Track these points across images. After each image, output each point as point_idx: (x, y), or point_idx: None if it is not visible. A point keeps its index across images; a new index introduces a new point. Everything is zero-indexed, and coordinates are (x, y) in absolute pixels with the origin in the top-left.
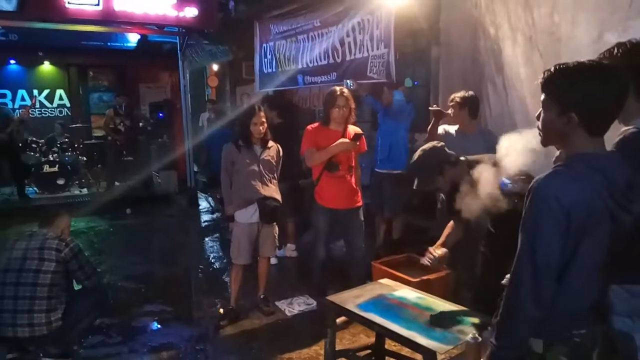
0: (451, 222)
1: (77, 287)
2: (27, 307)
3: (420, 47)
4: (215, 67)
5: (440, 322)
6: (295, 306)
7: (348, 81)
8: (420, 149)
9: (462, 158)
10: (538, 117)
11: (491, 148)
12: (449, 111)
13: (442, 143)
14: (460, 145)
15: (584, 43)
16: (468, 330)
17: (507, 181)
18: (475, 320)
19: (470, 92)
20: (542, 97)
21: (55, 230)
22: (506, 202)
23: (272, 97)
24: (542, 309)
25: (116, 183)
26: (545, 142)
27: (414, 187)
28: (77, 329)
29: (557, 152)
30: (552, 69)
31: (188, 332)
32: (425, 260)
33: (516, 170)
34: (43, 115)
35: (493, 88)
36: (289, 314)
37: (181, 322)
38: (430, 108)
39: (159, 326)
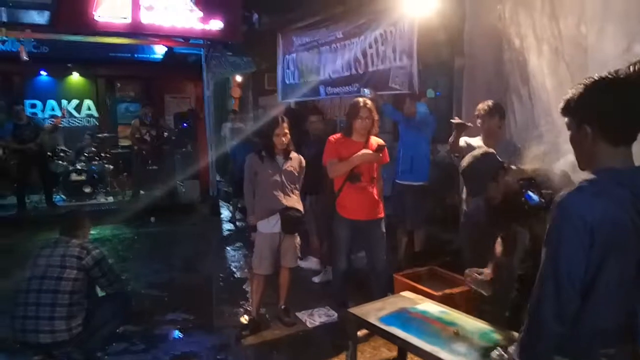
0: (499, 240)
1: (101, 293)
2: (48, 314)
3: (442, 58)
4: (238, 78)
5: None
6: (316, 317)
7: (366, 90)
8: (470, 155)
9: (513, 166)
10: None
11: (515, 160)
12: (471, 123)
13: (492, 150)
14: None
15: (612, 54)
16: (492, 346)
17: (533, 195)
18: (501, 336)
19: (495, 101)
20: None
21: (78, 237)
22: (533, 217)
23: (312, 104)
24: (565, 325)
25: (141, 192)
26: (579, 163)
27: (468, 194)
28: (100, 335)
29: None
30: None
31: (210, 341)
32: (467, 283)
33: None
34: (71, 125)
35: (518, 99)
36: (309, 325)
37: (203, 331)
38: (452, 121)
39: (181, 334)
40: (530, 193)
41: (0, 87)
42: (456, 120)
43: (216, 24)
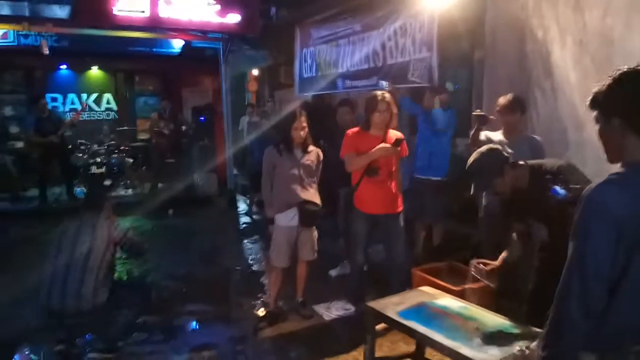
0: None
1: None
2: (76, 282)
3: (461, 50)
4: (255, 72)
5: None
6: (333, 311)
7: (383, 83)
8: (477, 151)
9: (521, 162)
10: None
11: (537, 155)
12: (493, 116)
13: (498, 145)
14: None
15: (639, 46)
16: (514, 342)
17: (560, 190)
18: (523, 332)
19: (517, 95)
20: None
21: (104, 214)
22: (561, 211)
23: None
24: (591, 321)
25: (159, 185)
26: (608, 157)
27: (472, 192)
28: (120, 322)
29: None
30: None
31: (228, 333)
32: (472, 272)
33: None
34: (91, 118)
35: (541, 92)
36: (326, 319)
37: (221, 323)
38: (474, 113)
39: (199, 326)
40: (557, 188)
41: (22, 80)
42: (478, 112)
43: (234, 18)
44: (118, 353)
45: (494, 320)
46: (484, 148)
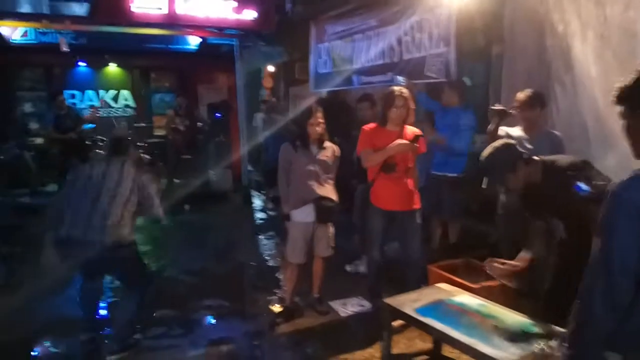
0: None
1: None
2: (101, 216)
3: (478, 45)
4: (270, 68)
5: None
6: (349, 307)
7: (400, 78)
8: (491, 146)
9: (536, 158)
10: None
11: (557, 151)
12: (512, 111)
13: (513, 141)
14: (524, 149)
15: None
16: (534, 340)
17: (584, 186)
18: (543, 330)
19: (536, 90)
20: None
21: (130, 159)
22: (581, 208)
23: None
24: (617, 318)
25: (175, 180)
26: (634, 152)
27: (483, 187)
28: (130, 318)
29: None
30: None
31: (245, 328)
32: (487, 269)
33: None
34: (109, 115)
35: (561, 87)
36: (342, 315)
37: (238, 318)
38: (492, 107)
39: (217, 320)
40: (580, 183)
41: (41, 78)
42: (497, 107)
43: (250, 14)
44: (137, 348)
45: (513, 318)
46: (498, 143)
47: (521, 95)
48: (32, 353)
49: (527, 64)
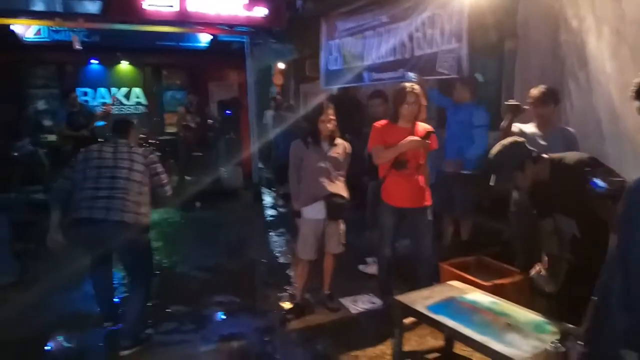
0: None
1: None
2: (121, 194)
3: (490, 41)
4: (280, 65)
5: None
6: (359, 304)
7: (411, 74)
8: (499, 143)
9: (545, 155)
10: None
11: (570, 147)
12: (526, 106)
13: (522, 138)
14: (538, 146)
15: None
16: (548, 338)
17: (600, 182)
18: (557, 328)
19: (550, 86)
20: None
21: (133, 141)
22: (597, 204)
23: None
24: (635, 316)
25: (187, 177)
26: None
27: (491, 184)
28: (141, 312)
29: None
30: None
31: (256, 324)
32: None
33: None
34: (121, 112)
35: (575, 83)
36: (353, 312)
37: (249, 314)
38: (506, 103)
39: (228, 316)
40: (597, 180)
41: (54, 75)
42: (511, 102)
43: (260, 11)
44: (149, 341)
45: (526, 315)
46: (507, 140)
47: (535, 92)
48: (45, 348)
49: (540, 60)
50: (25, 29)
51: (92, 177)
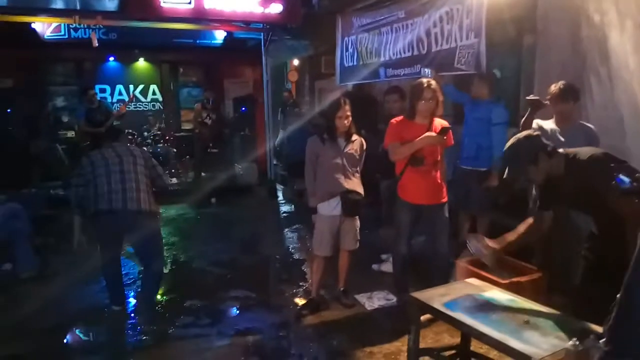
0: (530, 219)
1: None
2: (134, 187)
3: (509, 36)
4: (295, 62)
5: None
6: (375, 301)
7: (427, 70)
8: (514, 137)
9: (560, 150)
10: None
11: (591, 144)
12: (547, 102)
13: (538, 132)
14: (557, 142)
15: None
16: (567, 337)
17: (625, 179)
18: (576, 326)
19: (569, 82)
20: None
21: (124, 142)
22: (621, 202)
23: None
24: None
25: (202, 174)
26: None
27: (504, 177)
28: (154, 295)
29: None
30: None
31: (271, 319)
32: (471, 248)
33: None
34: (137, 109)
35: (596, 78)
36: (368, 308)
37: (264, 309)
38: (527, 98)
39: (243, 311)
40: (622, 176)
41: (73, 72)
42: (532, 97)
43: (276, 8)
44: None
45: (545, 313)
46: (521, 134)
47: (554, 88)
48: (64, 341)
49: (561, 55)
50: (45, 27)
51: (103, 175)
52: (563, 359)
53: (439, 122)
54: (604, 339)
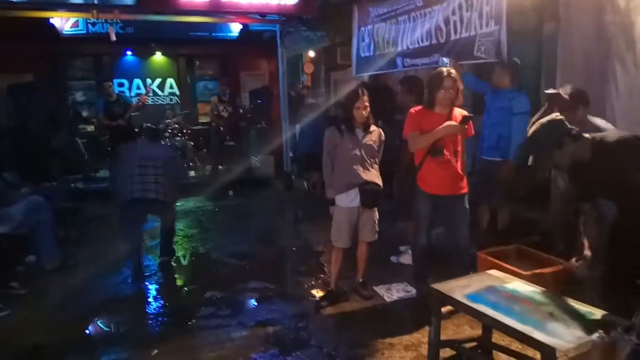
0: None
1: None
2: (153, 180)
3: (530, 23)
4: (311, 53)
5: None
6: (394, 292)
7: (445, 59)
8: (538, 122)
9: (586, 135)
10: None
11: None
12: (567, 95)
13: (561, 116)
14: None
15: None
16: (592, 329)
17: None
18: (601, 318)
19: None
20: None
21: (161, 140)
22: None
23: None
24: None
25: (219, 167)
26: None
27: (529, 164)
28: (170, 231)
29: None
30: None
31: (290, 310)
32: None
33: None
34: (155, 102)
35: (621, 66)
36: (387, 300)
37: (283, 300)
38: (546, 92)
39: (262, 302)
40: None
41: (91, 67)
42: (551, 90)
43: None
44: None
45: (569, 305)
46: (545, 119)
47: (562, 94)
48: (87, 331)
49: (584, 42)
50: (63, 22)
51: (134, 167)
52: (589, 351)
53: (459, 112)
54: (633, 332)
